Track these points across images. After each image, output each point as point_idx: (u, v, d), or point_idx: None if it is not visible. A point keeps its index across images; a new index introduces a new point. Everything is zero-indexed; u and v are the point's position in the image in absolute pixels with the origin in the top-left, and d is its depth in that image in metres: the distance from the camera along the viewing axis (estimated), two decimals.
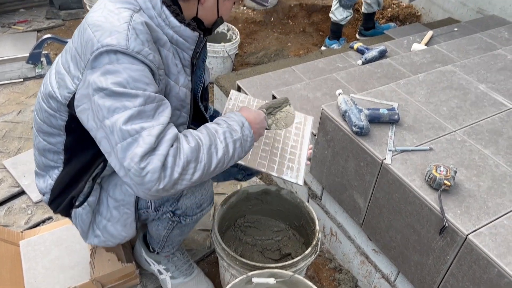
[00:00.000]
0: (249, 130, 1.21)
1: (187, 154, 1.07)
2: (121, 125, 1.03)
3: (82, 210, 1.36)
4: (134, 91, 1.04)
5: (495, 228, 1.30)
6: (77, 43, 1.14)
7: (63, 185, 1.35)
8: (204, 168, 1.10)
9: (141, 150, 1.01)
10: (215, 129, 1.16)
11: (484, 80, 1.98)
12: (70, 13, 3.76)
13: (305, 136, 1.62)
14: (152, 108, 1.07)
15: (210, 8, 1.22)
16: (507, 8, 3.30)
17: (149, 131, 1.03)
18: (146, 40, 1.09)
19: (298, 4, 4.18)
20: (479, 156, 1.55)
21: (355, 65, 2.65)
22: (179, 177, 1.06)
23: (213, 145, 1.13)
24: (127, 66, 1.05)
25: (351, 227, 1.86)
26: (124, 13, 1.10)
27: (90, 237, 1.42)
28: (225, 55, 3.08)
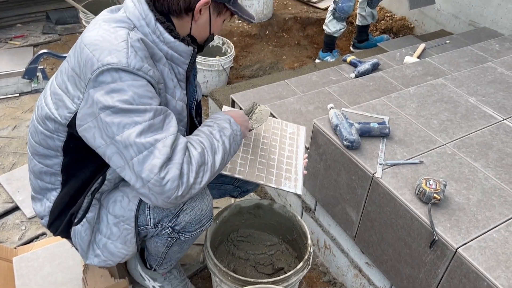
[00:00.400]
0: (236, 125, 1.29)
1: (197, 159, 1.14)
2: (135, 139, 1.07)
3: (81, 227, 1.35)
4: (142, 106, 1.08)
5: (485, 241, 1.31)
6: (74, 63, 1.15)
7: (62, 206, 1.34)
8: (211, 168, 1.17)
9: (159, 161, 1.07)
10: (209, 130, 1.23)
11: (474, 93, 2.00)
12: (66, 28, 3.79)
13: (300, 146, 1.64)
14: (160, 120, 1.11)
15: (203, 25, 1.24)
16: (498, 20, 3.34)
17: (164, 142, 1.09)
18: (144, 56, 1.12)
19: (293, 17, 4.23)
20: (469, 169, 1.57)
21: (348, 78, 2.67)
22: (194, 181, 1.13)
23: (213, 145, 1.20)
24: (130, 83, 1.08)
25: (344, 240, 1.87)
26: (120, 32, 1.12)
27: (90, 257, 1.41)
28: (220, 68, 3.11)
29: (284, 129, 1.67)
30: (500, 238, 1.32)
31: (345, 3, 3.19)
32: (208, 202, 1.37)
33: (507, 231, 1.35)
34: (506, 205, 1.43)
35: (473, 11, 3.52)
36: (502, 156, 1.63)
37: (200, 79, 3.14)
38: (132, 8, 1.17)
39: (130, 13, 1.17)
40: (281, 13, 4.30)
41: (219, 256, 1.71)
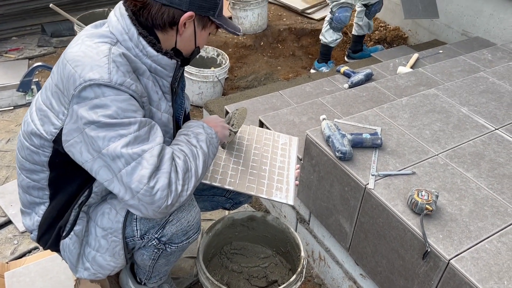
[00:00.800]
0: (210, 129, 1.33)
1: (182, 167, 1.16)
2: (122, 150, 1.08)
3: (69, 241, 1.35)
4: (127, 119, 1.09)
5: (477, 252, 1.31)
6: (57, 79, 1.15)
7: (51, 220, 1.34)
8: (195, 174, 1.20)
9: (147, 171, 1.08)
10: (186, 138, 1.27)
11: (466, 103, 2.01)
12: (62, 40, 3.81)
13: (292, 156, 1.65)
14: (146, 131, 1.13)
15: (188, 38, 1.25)
16: (490, 30, 3.37)
17: (151, 152, 1.10)
18: (126, 71, 1.12)
19: (287, 28, 4.26)
20: (461, 180, 1.57)
21: (342, 88, 2.69)
22: (181, 189, 1.15)
23: (193, 151, 1.23)
24: (113, 98, 1.08)
25: (339, 251, 1.86)
26: (102, 47, 1.12)
27: (79, 270, 1.40)
28: (215, 79, 3.12)
29: (276, 140, 1.67)
30: (493, 248, 1.32)
31: (341, 13, 3.22)
32: (195, 214, 1.36)
33: (500, 241, 1.34)
34: (498, 216, 1.43)
35: (465, 21, 3.55)
36: (494, 166, 1.63)
37: (195, 91, 3.15)
38: (115, 23, 1.18)
39: (113, 27, 1.18)
40: (276, 24, 4.33)
41: (212, 269, 1.70)
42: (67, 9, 3.48)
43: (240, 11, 4.02)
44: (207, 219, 2.15)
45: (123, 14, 1.17)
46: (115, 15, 1.19)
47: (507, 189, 1.53)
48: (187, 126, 1.33)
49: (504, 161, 1.66)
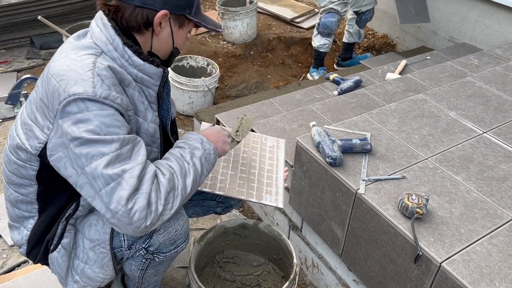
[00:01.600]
0: (209, 144, 1.28)
1: (165, 186, 1.13)
2: (102, 171, 1.07)
3: (57, 254, 1.33)
4: (109, 136, 1.07)
5: (468, 254, 1.31)
6: (42, 93, 1.14)
7: (40, 234, 1.33)
8: (182, 192, 1.17)
9: (126, 192, 1.07)
10: (180, 153, 1.23)
11: (454, 107, 2.03)
12: (51, 52, 3.79)
13: (280, 159, 1.65)
14: (128, 149, 1.11)
15: (165, 39, 1.23)
16: (476, 36, 3.42)
17: (131, 173, 1.08)
18: (112, 84, 1.11)
19: (277, 37, 4.29)
20: (451, 183, 1.58)
21: (331, 95, 2.70)
22: (163, 208, 1.12)
23: (183, 168, 1.19)
24: (97, 113, 1.07)
25: (332, 258, 1.85)
26: (86, 60, 1.12)
27: (69, 283, 1.38)
28: (205, 89, 3.12)
29: (263, 143, 1.69)
30: (484, 251, 1.33)
31: (327, 19, 3.29)
32: (183, 223, 1.35)
33: (490, 243, 1.35)
34: (488, 218, 1.44)
35: (451, 27, 3.60)
36: (483, 169, 1.65)
37: (186, 100, 3.15)
38: (99, 34, 1.17)
39: (97, 38, 1.17)
40: (265, 34, 4.36)
41: (204, 278, 1.68)
42: (56, 21, 3.47)
43: (230, 21, 4.05)
44: (198, 228, 2.14)
45: (106, 25, 1.17)
46: (98, 26, 1.18)
47: (496, 191, 1.55)
48: (186, 138, 1.29)
49: (492, 163, 1.68)
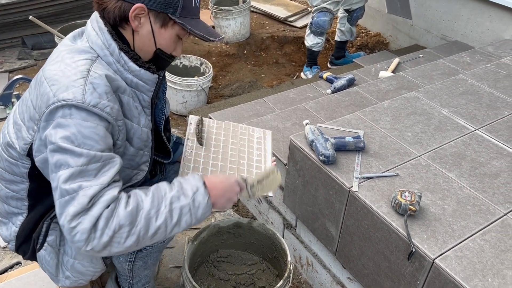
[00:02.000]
0: (203, 197, 1.15)
1: (120, 218, 1.05)
2: (61, 183, 1.05)
3: (44, 252, 1.33)
4: (79, 149, 1.05)
5: (461, 251, 1.32)
6: (34, 95, 1.15)
7: (28, 231, 1.32)
8: (139, 232, 1.07)
9: (73, 210, 1.03)
10: (165, 191, 1.13)
11: (446, 105, 2.04)
12: (43, 52, 3.77)
13: (267, 149, 1.67)
14: (95, 167, 1.07)
15: (146, 36, 1.19)
16: (468, 34, 3.44)
17: (85, 191, 1.04)
18: (104, 92, 1.10)
19: (270, 36, 4.29)
20: (444, 180, 1.58)
21: (325, 94, 2.71)
22: (109, 240, 1.05)
23: (155, 209, 1.09)
24: (78, 122, 1.06)
25: (326, 256, 1.86)
26: (81, 67, 1.11)
27: (61, 279, 1.39)
28: (199, 88, 3.11)
29: (251, 134, 1.70)
30: (476, 247, 1.33)
31: (320, 18, 3.30)
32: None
33: (483, 239, 1.36)
34: (480, 214, 1.44)
35: (444, 25, 3.62)
36: (475, 166, 1.66)
37: (179, 100, 3.14)
38: (95, 37, 1.16)
39: (93, 42, 1.16)
40: (259, 33, 4.36)
41: (199, 278, 1.68)
42: (48, 22, 3.44)
43: (223, 20, 4.04)
44: (193, 228, 2.14)
45: (102, 29, 1.16)
46: (93, 29, 1.17)
47: (488, 187, 1.56)
48: (185, 179, 1.18)
49: (484, 160, 1.69)
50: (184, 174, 1.46)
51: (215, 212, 1.42)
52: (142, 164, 1.33)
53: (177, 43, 1.25)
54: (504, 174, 1.62)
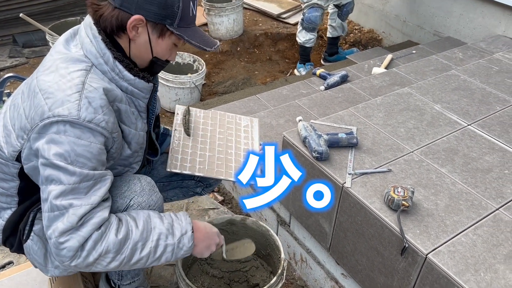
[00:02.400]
0: (188, 240, 1.22)
1: (109, 244, 1.10)
2: (52, 198, 1.07)
3: (31, 242, 1.32)
4: (72, 167, 1.07)
5: (453, 245, 1.32)
6: (27, 104, 1.13)
7: (15, 223, 1.32)
8: (122, 261, 1.14)
9: (62, 227, 1.07)
10: (155, 224, 1.19)
11: (439, 101, 2.04)
12: (34, 50, 3.74)
13: (255, 138, 1.68)
14: (87, 186, 1.10)
15: (143, 46, 1.20)
16: (461, 30, 3.45)
17: (75, 210, 1.07)
18: (99, 106, 1.10)
19: (263, 33, 4.28)
20: (436, 175, 1.59)
21: (318, 90, 2.70)
22: (94, 261, 1.11)
23: (142, 242, 1.15)
24: (72, 139, 1.07)
25: (320, 252, 1.86)
26: (76, 80, 1.10)
27: (50, 269, 1.37)
28: (192, 85, 3.10)
29: (238, 123, 1.72)
30: (469, 241, 1.34)
31: (311, 13, 3.30)
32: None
33: (475, 234, 1.36)
34: (473, 209, 1.45)
35: (436, 21, 3.63)
36: (467, 161, 1.66)
37: (172, 97, 3.12)
38: (89, 45, 1.15)
39: (87, 50, 1.15)
40: (252, 30, 4.35)
41: (192, 275, 1.67)
42: (39, 19, 3.42)
43: (216, 17, 4.03)
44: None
45: (96, 37, 1.15)
46: (87, 35, 1.16)
47: (480, 182, 1.56)
48: (177, 217, 1.25)
49: (476, 155, 1.69)
50: (172, 166, 1.46)
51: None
52: (134, 163, 1.36)
53: (173, 50, 1.26)
54: (496, 169, 1.63)
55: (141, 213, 1.22)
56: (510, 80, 2.24)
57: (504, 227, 1.39)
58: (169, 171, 1.46)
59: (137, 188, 1.27)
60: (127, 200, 1.26)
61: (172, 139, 1.54)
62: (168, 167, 1.46)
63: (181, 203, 2.28)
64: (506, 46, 2.92)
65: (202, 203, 2.29)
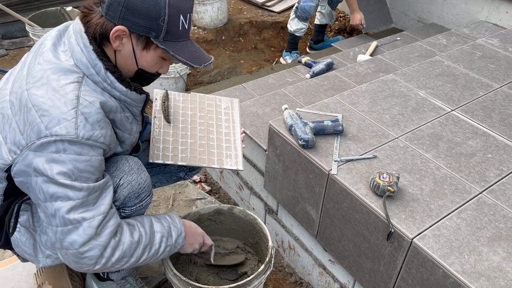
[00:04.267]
0: (182, 240, 1.36)
1: (125, 250, 1.20)
2: (64, 214, 1.10)
3: (18, 234, 1.31)
4: (79, 184, 1.09)
5: (438, 229, 1.34)
6: (20, 118, 1.10)
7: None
8: (133, 262, 1.24)
9: (81, 239, 1.12)
10: (156, 229, 1.30)
11: (423, 87, 2.06)
12: (14, 42, 3.65)
13: (235, 120, 1.67)
14: (94, 197, 1.14)
15: (127, 56, 1.17)
16: (444, 16, 3.47)
17: (90, 223, 1.12)
18: (96, 121, 1.10)
19: (248, 22, 4.24)
20: (421, 161, 1.60)
21: (304, 78, 2.70)
22: (111, 265, 1.20)
23: (149, 245, 1.27)
24: (73, 157, 1.08)
25: (307, 239, 1.87)
26: (70, 94, 1.08)
27: (41, 259, 1.36)
28: (177, 75, 3.07)
29: (218, 105, 1.70)
30: (453, 225, 1.36)
31: (306, 3, 3.29)
32: (145, 177, 1.34)
33: (459, 218, 1.38)
34: (457, 193, 1.47)
35: (420, 8, 3.64)
36: (451, 146, 1.68)
37: (157, 87, 3.08)
38: (79, 54, 1.13)
39: (78, 60, 1.13)
40: (237, 18, 4.31)
41: (181, 266, 1.67)
42: (18, 9, 3.33)
43: (200, 6, 3.98)
44: None
45: (87, 47, 1.12)
46: (78, 44, 1.13)
47: (464, 167, 1.58)
48: (172, 220, 1.36)
49: (460, 140, 1.71)
50: (155, 157, 1.45)
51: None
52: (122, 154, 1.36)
53: (162, 63, 1.24)
54: (480, 153, 1.65)
55: (145, 218, 1.31)
56: (493, 65, 2.26)
57: (487, 210, 1.41)
58: (152, 162, 1.45)
59: (125, 168, 1.28)
60: (117, 179, 1.27)
61: (152, 128, 1.51)
62: (150, 158, 1.45)
63: (168, 194, 2.27)
64: (489, 31, 2.94)
65: (189, 193, 2.28)
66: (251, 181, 2.16)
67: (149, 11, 1.08)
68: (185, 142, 1.52)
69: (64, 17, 3.40)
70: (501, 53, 2.39)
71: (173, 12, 1.10)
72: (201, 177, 2.51)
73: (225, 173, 2.38)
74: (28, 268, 1.70)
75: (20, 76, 1.16)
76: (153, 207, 2.19)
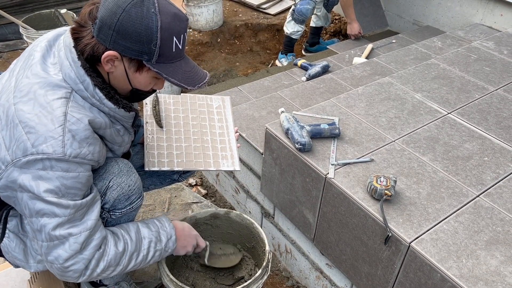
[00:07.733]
0: (173, 243, 1.36)
1: (110, 260, 1.20)
2: (50, 231, 1.10)
3: (8, 241, 1.30)
4: (65, 201, 1.09)
5: (436, 233, 1.34)
6: (6, 133, 1.09)
7: None
8: (121, 270, 1.25)
9: (66, 255, 1.13)
10: (144, 235, 1.30)
11: (419, 89, 2.06)
12: (7, 44, 3.62)
13: (228, 119, 1.66)
14: (81, 213, 1.14)
15: (121, 78, 1.16)
16: (439, 19, 3.48)
17: (76, 238, 1.13)
18: (84, 137, 1.09)
19: (244, 24, 4.24)
20: (418, 164, 1.60)
21: (300, 81, 2.70)
22: (97, 275, 1.21)
23: (136, 252, 1.27)
24: (60, 174, 1.07)
25: (304, 243, 1.86)
26: (57, 111, 1.06)
27: (32, 265, 1.34)
28: None
29: (210, 104, 1.68)
30: (450, 229, 1.35)
31: (303, 5, 3.28)
32: (136, 179, 1.32)
33: (457, 221, 1.38)
34: (454, 196, 1.47)
35: (415, 10, 3.65)
36: (448, 149, 1.68)
37: None
38: (68, 69, 1.11)
39: (66, 74, 1.11)
40: (232, 20, 4.30)
41: (177, 271, 1.66)
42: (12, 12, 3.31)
43: (195, 8, 3.97)
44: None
45: (75, 62, 1.10)
46: (67, 58, 1.11)
47: (461, 170, 1.58)
48: (161, 223, 1.35)
49: (457, 143, 1.71)
50: (150, 164, 1.43)
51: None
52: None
53: (156, 81, 1.21)
54: (476, 156, 1.65)
55: (131, 225, 1.31)
56: (488, 68, 2.27)
57: (484, 214, 1.41)
58: (148, 169, 1.44)
59: (115, 170, 1.27)
60: (106, 181, 1.26)
61: (145, 134, 1.50)
62: (146, 165, 1.43)
63: (163, 197, 2.25)
64: (484, 34, 2.95)
65: (185, 197, 2.27)
66: (248, 184, 2.15)
67: (141, 36, 1.05)
68: (180, 147, 1.50)
69: (59, 19, 3.37)
70: (496, 56, 2.40)
71: (166, 36, 1.07)
72: (197, 181, 2.50)
73: (221, 177, 2.37)
74: (22, 274, 1.68)
75: (8, 88, 1.14)
76: (149, 211, 2.18)
